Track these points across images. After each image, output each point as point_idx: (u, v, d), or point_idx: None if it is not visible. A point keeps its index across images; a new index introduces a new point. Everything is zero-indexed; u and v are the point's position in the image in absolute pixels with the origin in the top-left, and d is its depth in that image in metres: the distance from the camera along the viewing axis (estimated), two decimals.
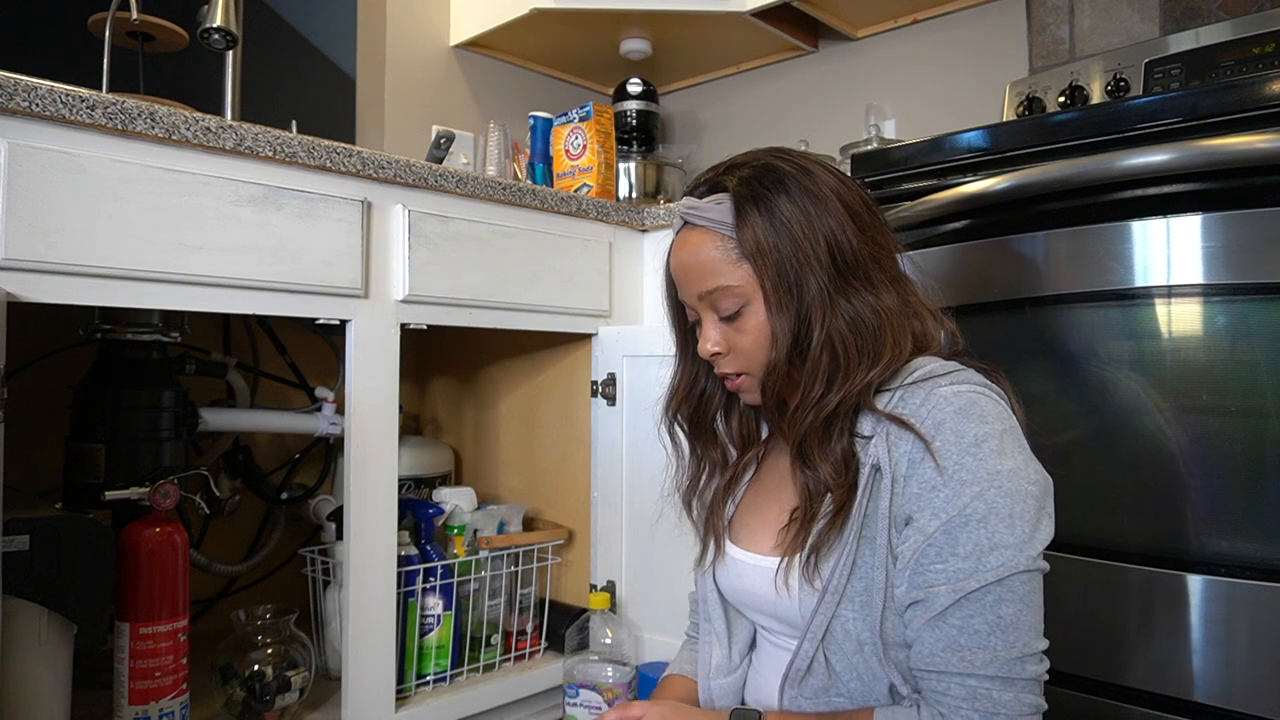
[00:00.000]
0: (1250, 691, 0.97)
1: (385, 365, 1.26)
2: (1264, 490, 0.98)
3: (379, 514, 1.24)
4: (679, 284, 0.90)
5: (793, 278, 0.81)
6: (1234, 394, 1.01)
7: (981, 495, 0.73)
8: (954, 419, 0.76)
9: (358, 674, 1.22)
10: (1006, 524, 0.73)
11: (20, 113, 0.94)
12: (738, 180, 0.85)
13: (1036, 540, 0.74)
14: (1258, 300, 0.99)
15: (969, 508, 0.73)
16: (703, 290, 0.86)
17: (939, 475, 0.75)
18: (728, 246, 0.84)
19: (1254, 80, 0.99)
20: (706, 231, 0.86)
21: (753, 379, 0.87)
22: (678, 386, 0.98)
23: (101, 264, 0.99)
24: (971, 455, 0.74)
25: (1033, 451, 0.79)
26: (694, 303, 0.88)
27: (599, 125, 1.78)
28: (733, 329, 0.86)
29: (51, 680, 1.01)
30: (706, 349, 0.87)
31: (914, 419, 0.77)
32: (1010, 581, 0.72)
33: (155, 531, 1.12)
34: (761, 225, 0.82)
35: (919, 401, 0.78)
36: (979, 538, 0.73)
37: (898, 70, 2.09)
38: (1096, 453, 1.11)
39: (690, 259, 0.87)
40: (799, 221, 0.81)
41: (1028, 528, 0.74)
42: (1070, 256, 1.12)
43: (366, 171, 1.23)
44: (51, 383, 1.30)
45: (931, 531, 0.74)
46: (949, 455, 0.75)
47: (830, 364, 0.80)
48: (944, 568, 0.73)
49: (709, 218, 0.85)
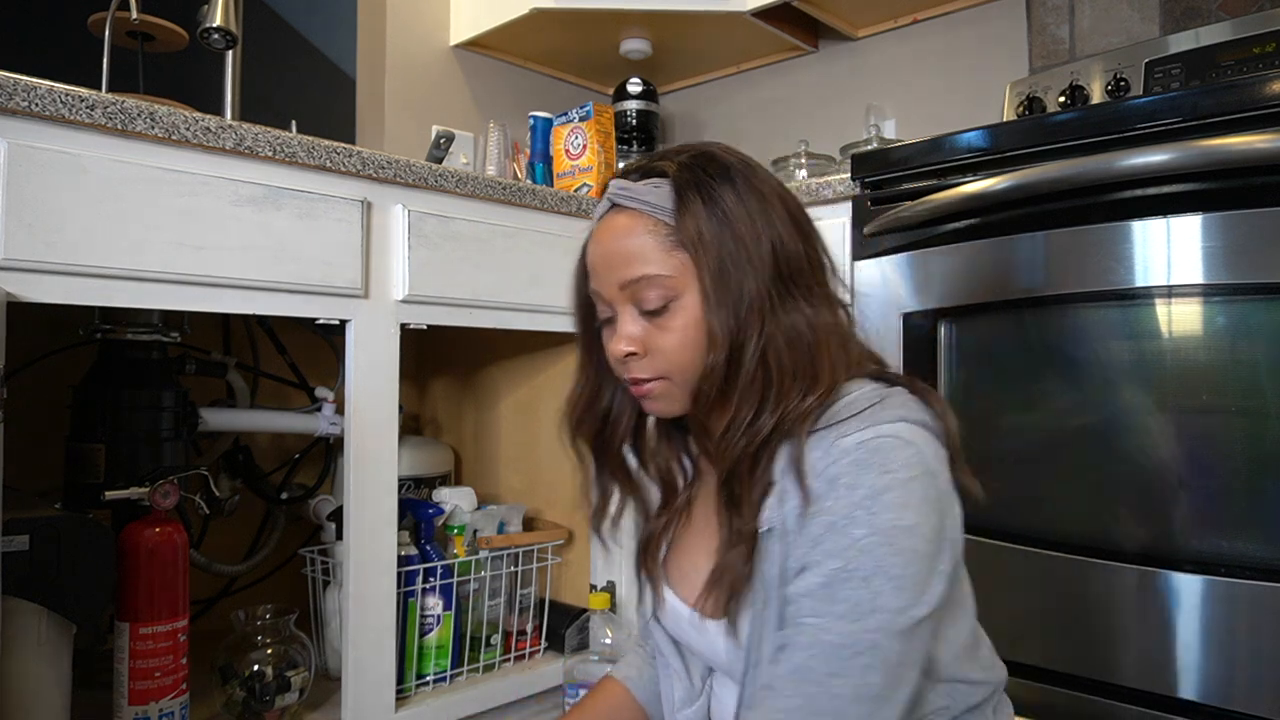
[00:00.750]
0: (1250, 691, 0.97)
1: (385, 365, 1.26)
2: (1264, 490, 0.98)
3: (379, 514, 1.24)
4: (595, 273, 0.80)
5: (733, 273, 0.73)
6: (1234, 394, 1.01)
7: (869, 551, 0.66)
8: (850, 472, 0.68)
9: (358, 674, 1.22)
10: (893, 585, 0.66)
11: (20, 113, 0.94)
12: (678, 165, 0.77)
13: (921, 604, 0.67)
14: (1258, 300, 0.99)
15: (854, 563, 0.66)
16: (626, 279, 0.76)
17: (825, 530, 0.68)
18: (662, 233, 0.76)
19: (1254, 80, 0.99)
20: (637, 215, 0.77)
21: (670, 385, 0.78)
22: (579, 395, 0.87)
23: (101, 264, 0.99)
24: (863, 509, 0.67)
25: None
26: (612, 294, 0.78)
27: (599, 125, 1.78)
28: (655, 326, 0.77)
29: (51, 680, 1.01)
30: (619, 349, 0.78)
31: (810, 473, 0.70)
32: (884, 646, 0.66)
33: (155, 531, 1.12)
34: (703, 213, 0.74)
35: (820, 454, 0.70)
36: (859, 596, 0.66)
37: (898, 70, 2.09)
38: (1096, 452, 1.11)
39: (616, 244, 0.78)
40: (743, 216, 0.75)
41: (914, 592, 0.67)
42: (1070, 256, 1.12)
43: (366, 171, 1.23)
44: (51, 383, 1.30)
45: (811, 585, 0.68)
46: (839, 510, 0.68)
47: (764, 381, 0.73)
48: (816, 622, 0.67)
49: (643, 200, 0.77)
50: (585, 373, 0.87)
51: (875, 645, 0.65)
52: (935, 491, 0.69)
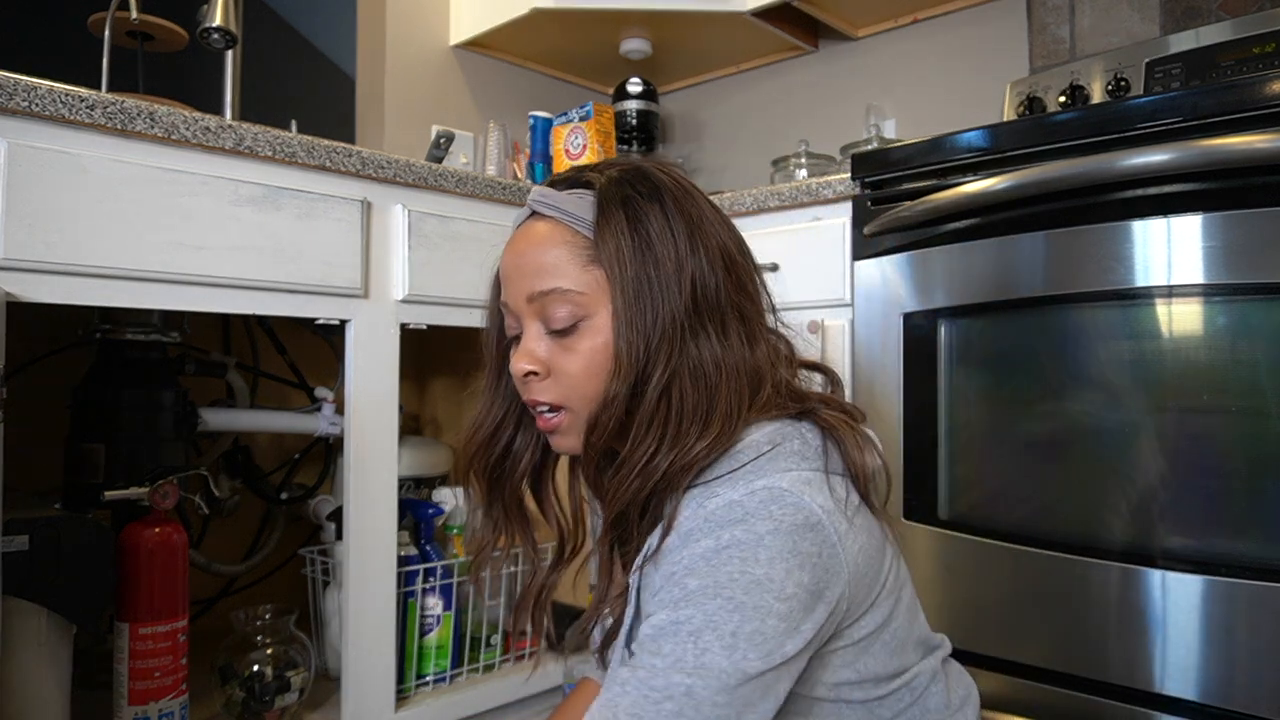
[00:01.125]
0: (1250, 691, 0.97)
1: (385, 365, 1.26)
2: (1264, 490, 0.98)
3: (379, 514, 1.24)
4: (506, 280, 0.75)
5: (649, 297, 0.69)
6: (1234, 394, 1.01)
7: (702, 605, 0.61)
8: (704, 526, 0.64)
9: (358, 674, 1.22)
10: (724, 645, 0.60)
11: (20, 113, 0.94)
12: (606, 179, 0.73)
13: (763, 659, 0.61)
14: (1258, 300, 0.99)
15: (684, 615, 0.61)
16: (535, 290, 0.72)
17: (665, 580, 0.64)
18: (579, 245, 0.72)
19: (1254, 80, 0.99)
20: (556, 225, 0.73)
21: (573, 416, 0.73)
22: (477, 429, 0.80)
23: (101, 264, 0.99)
24: (706, 561, 0.62)
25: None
26: (519, 306, 0.74)
27: (599, 125, 1.78)
28: (560, 346, 0.72)
29: (51, 680, 1.01)
30: (519, 366, 0.73)
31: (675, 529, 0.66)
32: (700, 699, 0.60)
33: (155, 531, 1.12)
34: (626, 230, 0.70)
35: (690, 512, 0.66)
36: (681, 651, 0.61)
37: (898, 70, 2.09)
38: (1096, 452, 1.11)
39: (528, 253, 0.73)
40: (667, 240, 0.70)
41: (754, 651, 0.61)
42: (1070, 256, 1.12)
43: (366, 171, 1.23)
44: (51, 383, 1.30)
45: (642, 638, 0.63)
46: (680, 561, 0.64)
47: (664, 418, 0.68)
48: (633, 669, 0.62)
49: (563, 209, 0.73)
50: (489, 398, 0.81)
51: (689, 692, 0.60)
52: (811, 545, 0.64)
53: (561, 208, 0.73)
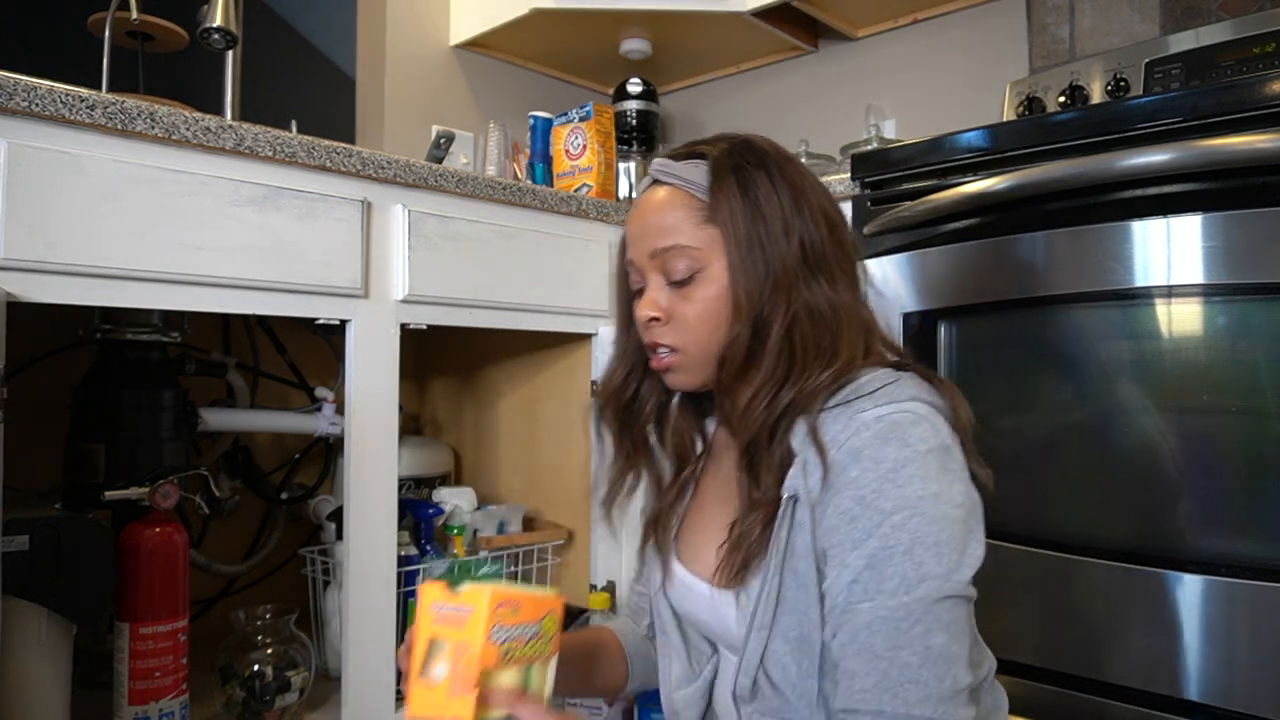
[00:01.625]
0: (1250, 691, 0.97)
1: (385, 365, 1.26)
2: (1264, 490, 0.98)
3: (379, 514, 1.24)
4: (631, 241, 0.85)
5: (760, 250, 0.78)
6: (1234, 394, 1.01)
7: (904, 525, 0.69)
8: (872, 445, 0.71)
9: (358, 674, 1.22)
10: (933, 553, 0.69)
11: (20, 113, 0.94)
12: (718, 149, 0.83)
13: (965, 565, 0.70)
14: (1258, 300, 0.99)
15: (892, 539, 0.69)
16: (657, 247, 0.81)
17: (858, 503, 0.70)
18: (695, 206, 0.81)
19: (1254, 80, 0.99)
20: (674, 190, 0.82)
21: (685, 358, 0.82)
22: (611, 374, 0.91)
23: (101, 264, 0.99)
24: (890, 482, 0.70)
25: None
26: (643, 261, 0.83)
27: (599, 125, 1.78)
28: (679, 295, 0.81)
29: (51, 680, 1.01)
30: (643, 313, 0.82)
31: (832, 445, 0.73)
32: (938, 610, 0.69)
33: (155, 531, 1.12)
34: (736, 194, 0.79)
35: (840, 427, 0.73)
36: (904, 569, 0.69)
37: (898, 70, 2.09)
38: (1096, 452, 1.11)
39: (651, 214, 0.83)
40: (773, 201, 0.79)
41: (955, 554, 0.70)
42: (1070, 256, 1.12)
43: (366, 171, 1.23)
44: (51, 383, 1.30)
45: (855, 565, 0.70)
46: (866, 483, 0.70)
47: (789, 355, 0.77)
48: (871, 605, 0.69)
49: (681, 176, 0.82)
50: (620, 349, 0.91)
51: (929, 610, 0.68)
52: (953, 463, 0.73)
53: (679, 175, 0.82)
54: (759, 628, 0.76)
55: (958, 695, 0.69)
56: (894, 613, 0.69)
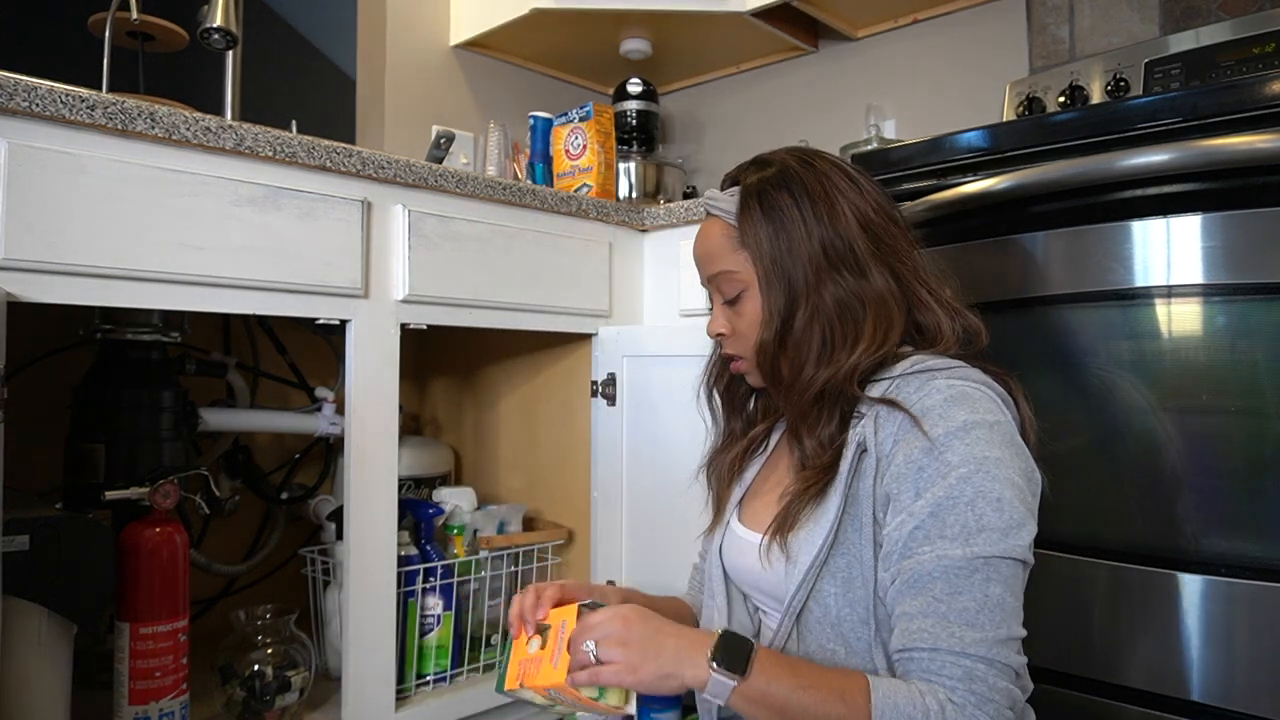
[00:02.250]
0: (1250, 691, 0.97)
1: (385, 365, 1.26)
2: (1264, 490, 0.98)
3: (379, 514, 1.24)
4: (696, 267, 0.98)
5: (783, 265, 0.87)
6: (1234, 394, 1.01)
7: (969, 479, 0.74)
8: (943, 405, 0.78)
9: (358, 674, 1.22)
10: (994, 508, 0.74)
11: (20, 113, 0.94)
12: (753, 176, 0.92)
13: (1024, 531, 0.74)
14: (1258, 300, 0.99)
15: (956, 490, 0.74)
16: (709, 274, 0.94)
17: (926, 454, 0.76)
18: (730, 234, 0.91)
19: (1254, 80, 0.99)
20: (717, 220, 0.93)
21: (749, 362, 0.93)
22: (713, 359, 1.05)
23: (101, 264, 0.99)
24: (958, 438, 0.76)
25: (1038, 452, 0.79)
26: (705, 285, 0.97)
27: (599, 125, 1.78)
28: (734, 313, 0.93)
29: (51, 680, 1.01)
30: (711, 331, 0.96)
31: (907, 403, 0.79)
32: (997, 563, 0.73)
33: (155, 531, 1.12)
34: (759, 217, 0.88)
35: (913, 389, 0.80)
36: (966, 519, 0.74)
37: (898, 70, 2.09)
38: (1096, 453, 1.11)
39: (700, 245, 0.95)
40: (795, 218, 0.87)
41: (1016, 515, 0.74)
42: (1070, 256, 1.12)
43: (366, 171, 1.23)
44: (51, 383, 1.30)
45: (919, 513, 0.75)
46: (935, 436, 0.76)
47: (819, 345, 0.85)
48: (932, 549, 0.74)
49: (720, 208, 0.93)
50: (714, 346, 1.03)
51: (988, 561, 0.73)
52: (1018, 441, 0.79)
53: (719, 205, 0.93)
54: (813, 566, 0.81)
55: (1010, 642, 0.72)
56: (954, 561, 0.73)
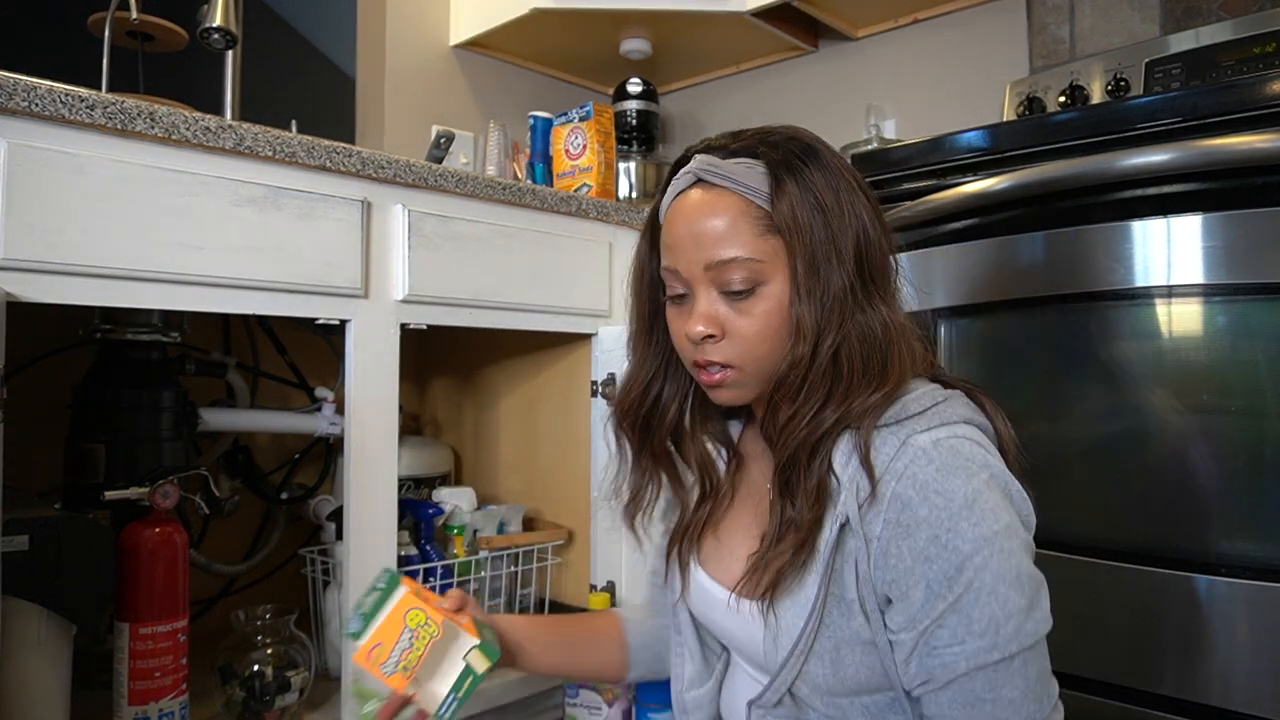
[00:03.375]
0: (1250, 691, 0.97)
1: (385, 365, 1.25)
2: (1264, 490, 0.98)
3: (379, 514, 1.24)
4: (678, 249, 0.77)
5: (823, 265, 0.72)
6: (1234, 394, 1.01)
7: (986, 565, 0.67)
8: (938, 479, 0.68)
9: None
10: (1015, 587, 0.68)
11: (20, 113, 0.94)
12: (769, 146, 0.76)
13: (1042, 593, 0.71)
14: (1258, 300, 0.99)
15: (976, 581, 0.67)
16: (714, 259, 0.74)
17: (932, 543, 0.68)
18: (753, 214, 0.74)
19: (1254, 80, 0.99)
20: (728, 194, 0.75)
21: (740, 375, 0.76)
22: (632, 383, 0.86)
23: (101, 264, 0.99)
24: (964, 519, 0.68)
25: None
26: (693, 273, 0.76)
27: (599, 125, 1.78)
28: (735, 310, 0.75)
29: (51, 680, 1.01)
30: (696, 329, 0.75)
31: (890, 474, 0.70)
32: (1028, 645, 0.69)
33: (155, 531, 1.12)
34: (798, 197, 0.73)
35: (891, 452, 0.70)
36: (991, 610, 0.68)
37: (898, 70, 2.09)
38: (1096, 453, 1.11)
39: (706, 222, 0.74)
40: (833, 202, 0.73)
41: (1033, 581, 0.70)
42: (1070, 256, 1.12)
43: (366, 171, 1.23)
44: (51, 383, 1.30)
45: (937, 611, 0.68)
46: (939, 522, 0.68)
47: (833, 376, 0.72)
48: (962, 649, 0.68)
49: (737, 180, 0.74)
50: (640, 356, 0.86)
51: (1021, 645, 0.68)
52: (1011, 486, 0.72)
53: (734, 178, 0.74)
54: (798, 654, 0.74)
55: (1055, 705, 0.71)
56: (989, 655, 0.68)
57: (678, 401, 0.86)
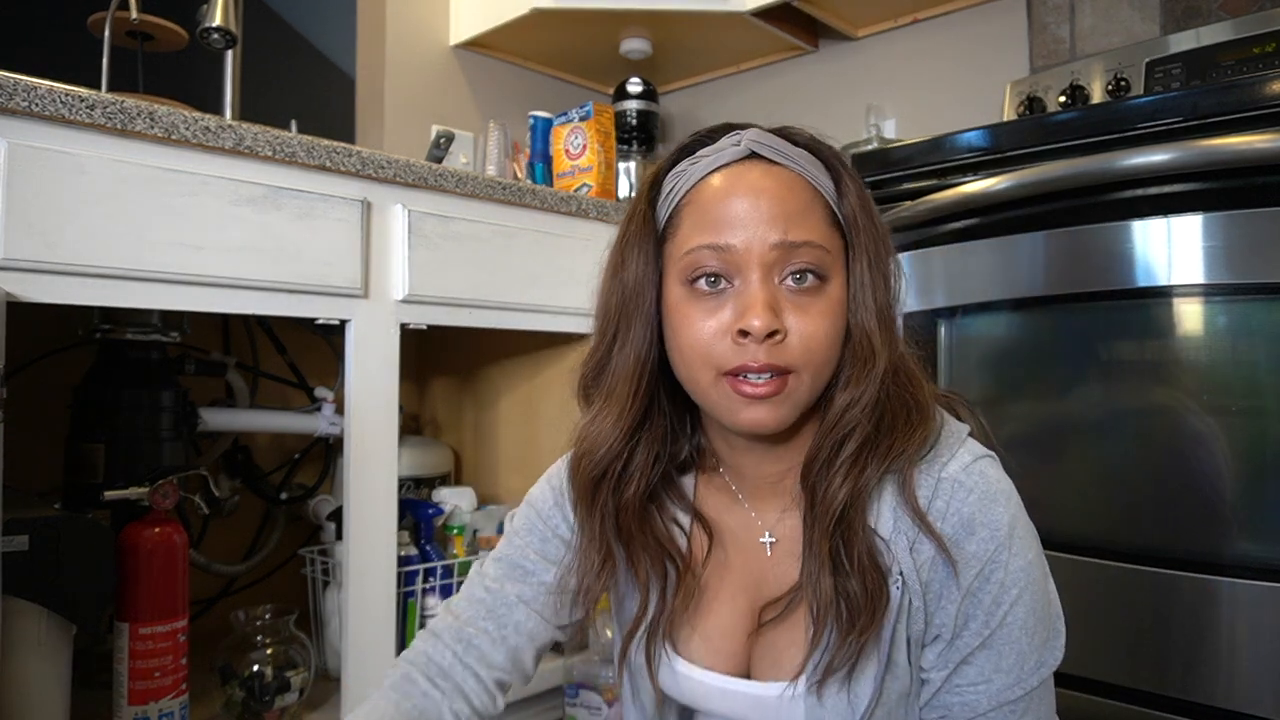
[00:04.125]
0: (1250, 691, 0.97)
1: (385, 365, 1.25)
2: (1264, 490, 0.98)
3: (379, 514, 1.24)
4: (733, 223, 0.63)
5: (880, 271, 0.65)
6: (1234, 394, 1.01)
7: (1021, 598, 0.64)
8: (982, 511, 0.63)
9: (358, 674, 1.21)
10: (1042, 620, 0.66)
11: (20, 113, 0.94)
12: (815, 142, 0.69)
13: (1060, 620, 0.69)
14: (1258, 300, 0.99)
15: (1010, 616, 0.64)
16: (787, 239, 0.62)
17: (979, 580, 0.64)
18: (822, 204, 0.65)
19: (1254, 80, 0.99)
20: (793, 174, 0.65)
21: (798, 385, 0.63)
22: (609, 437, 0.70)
23: (101, 264, 0.99)
24: (1006, 549, 0.63)
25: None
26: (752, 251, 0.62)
27: (599, 125, 1.78)
28: (794, 305, 0.63)
29: (51, 680, 1.01)
30: (753, 323, 0.60)
31: (934, 514, 0.64)
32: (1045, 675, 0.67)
33: (155, 531, 1.12)
34: (857, 196, 0.66)
35: (929, 493, 0.65)
36: (1022, 646, 0.65)
37: (898, 70, 2.09)
38: (1096, 453, 1.11)
39: (778, 197, 0.63)
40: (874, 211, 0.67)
41: (1055, 605, 0.68)
42: (1070, 256, 1.12)
43: (366, 171, 1.23)
44: (51, 383, 1.30)
45: (971, 649, 0.65)
46: (986, 555, 0.63)
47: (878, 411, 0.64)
48: (987, 688, 0.65)
49: (802, 164, 0.65)
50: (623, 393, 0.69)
51: (1041, 679, 0.66)
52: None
53: (800, 161, 0.66)
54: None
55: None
56: (1011, 693, 0.65)
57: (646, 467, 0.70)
